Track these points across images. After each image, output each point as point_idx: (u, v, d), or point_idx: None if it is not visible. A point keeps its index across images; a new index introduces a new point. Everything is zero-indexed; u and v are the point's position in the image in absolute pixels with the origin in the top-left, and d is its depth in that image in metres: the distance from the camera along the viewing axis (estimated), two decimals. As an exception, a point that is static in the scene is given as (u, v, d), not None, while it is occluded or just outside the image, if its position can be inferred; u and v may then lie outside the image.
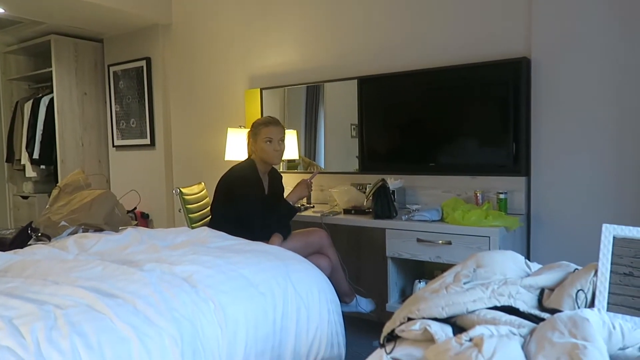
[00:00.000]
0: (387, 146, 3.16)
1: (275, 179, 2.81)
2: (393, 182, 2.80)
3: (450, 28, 2.87)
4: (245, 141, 2.76)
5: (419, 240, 2.47)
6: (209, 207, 2.87)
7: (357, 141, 3.18)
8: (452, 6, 2.86)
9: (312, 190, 2.78)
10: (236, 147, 3.31)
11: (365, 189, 2.94)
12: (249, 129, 2.73)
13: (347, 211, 2.87)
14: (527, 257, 2.59)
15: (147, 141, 4.37)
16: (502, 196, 2.59)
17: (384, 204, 2.62)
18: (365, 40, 3.19)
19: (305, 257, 2.23)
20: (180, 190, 2.94)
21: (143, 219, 4.31)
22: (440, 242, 2.42)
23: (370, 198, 2.68)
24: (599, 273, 1.11)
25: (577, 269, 1.25)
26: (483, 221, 2.35)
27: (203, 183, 3.35)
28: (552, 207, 2.60)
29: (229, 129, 3.44)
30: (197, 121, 4.14)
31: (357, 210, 2.83)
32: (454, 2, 2.85)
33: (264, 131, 2.61)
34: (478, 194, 2.67)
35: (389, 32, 3.10)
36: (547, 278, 1.20)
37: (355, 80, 3.15)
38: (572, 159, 2.53)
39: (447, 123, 2.87)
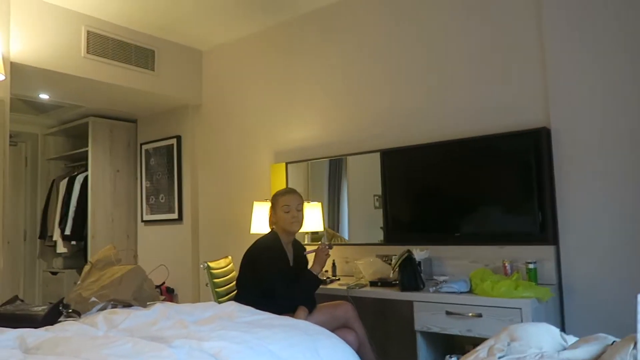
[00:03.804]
0: (412, 217, 3.18)
1: (299, 250, 2.83)
2: (419, 252, 2.79)
3: (469, 100, 2.98)
4: (267, 214, 2.82)
5: (448, 312, 2.42)
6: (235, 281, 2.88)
7: (381, 212, 3.21)
8: (470, 79, 2.99)
9: (329, 254, 2.66)
10: (262, 221, 3.37)
11: (391, 260, 2.92)
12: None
13: (373, 283, 2.84)
14: (562, 329, 2.49)
15: (175, 216, 4.48)
16: (531, 266, 2.55)
17: (411, 275, 2.60)
18: (387, 114, 3.32)
19: (331, 331, 2.19)
20: (208, 264, 2.97)
21: (168, 294, 4.32)
22: (470, 314, 2.36)
23: (397, 269, 2.66)
24: (638, 345, 1.08)
25: (615, 341, 1.21)
26: (513, 292, 2.30)
27: (230, 257, 3.38)
28: (583, 275, 2.53)
29: (255, 202, 3.52)
30: (224, 195, 4.26)
31: (383, 282, 2.81)
32: (471, 76, 2.98)
33: (282, 200, 2.70)
34: (506, 264, 2.63)
35: (410, 105, 3.22)
36: (585, 351, 1.17)
37: (378, 153, 3.24)
38: (600, 225, 2.50)
39: (471, 193, 2.90)
